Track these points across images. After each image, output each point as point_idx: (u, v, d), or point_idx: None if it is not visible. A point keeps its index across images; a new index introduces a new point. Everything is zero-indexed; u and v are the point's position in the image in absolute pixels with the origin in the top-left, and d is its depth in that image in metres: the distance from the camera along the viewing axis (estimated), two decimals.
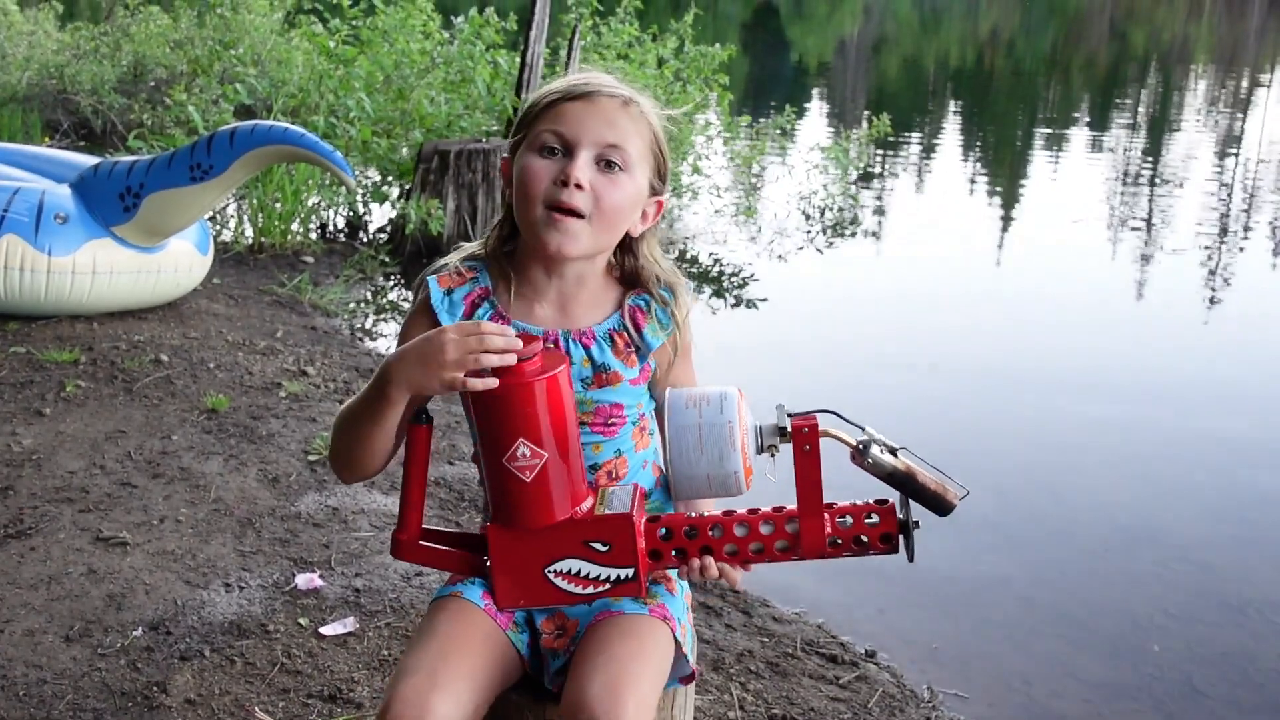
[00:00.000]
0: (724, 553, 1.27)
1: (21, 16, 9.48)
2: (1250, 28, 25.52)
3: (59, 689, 2.14)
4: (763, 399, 1.37)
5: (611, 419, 1.40)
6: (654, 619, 1.38)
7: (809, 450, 1.24)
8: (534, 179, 1.34)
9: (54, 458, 3.07)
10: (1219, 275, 6.32)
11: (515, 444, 1.21)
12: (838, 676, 2.45)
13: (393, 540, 1.33)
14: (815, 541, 1.26)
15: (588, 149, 1.33)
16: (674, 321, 1.42)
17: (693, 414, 1.26)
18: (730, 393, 1.27)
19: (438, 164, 5.68)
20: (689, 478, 1.26)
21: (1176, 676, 2.62)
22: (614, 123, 1.34)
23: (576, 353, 1.38)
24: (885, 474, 1.24)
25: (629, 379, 1.40)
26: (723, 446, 1.24)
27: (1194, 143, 10.75)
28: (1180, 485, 3.66)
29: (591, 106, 1.34)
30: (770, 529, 1.26)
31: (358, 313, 4.97)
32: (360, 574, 2.62)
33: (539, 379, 1.21)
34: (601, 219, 1.34)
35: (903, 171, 9.21)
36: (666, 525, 1.28)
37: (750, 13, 25.50)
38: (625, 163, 1.34)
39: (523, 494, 1.23)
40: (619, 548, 1.25)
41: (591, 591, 1.27)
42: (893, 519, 1.27)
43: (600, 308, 1.42)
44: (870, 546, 1.27)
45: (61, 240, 3.91)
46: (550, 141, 1.34)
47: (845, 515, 1.27)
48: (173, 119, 6.31)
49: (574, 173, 1.31)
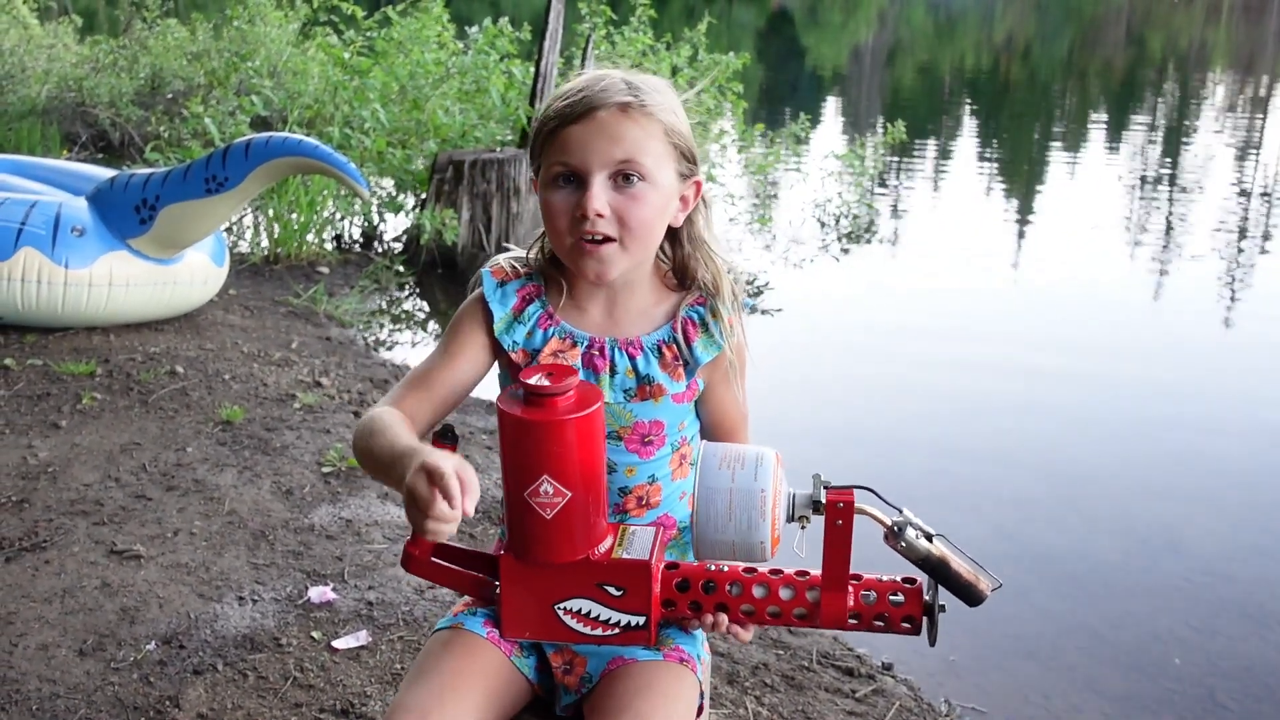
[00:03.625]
0: (740, 611, 1.23)
1: (41, 30, 9.57)
2: (1270, 31, 25.35)
3: (72, 703, 2.14)
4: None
5: (649, 438, 1.35)
6: (671, 664, 1.34)
7: (841, 525, 1.19)
8: (555, 215, 1.30)
9: (69, 470, 3.08)
10: (1239, 280, 6.26)
11: (539, 480, 1.16)
12: (854, 690, 2.42)
13: (404, 553, 1.30)
14: (836, 615, 1.21)
15: (599, 173, 1.27)
16: (726, 338, 1.35)
17: (725, 477, 1.20)
18: (767, 456, 1.22)
19: (452, 174, 5.69)
20: (715, 542, 1.21)
21: (1198, 690, 2.58)
22: (619, 137, 1.26)
23: (621, 362, 1.34)
24: (919, 559, 1.18)
25: (672, 393, 1.35)
26: (753, 515, 1.19)
27: (1212, 148, 10.67)
28: (1201, 496, 3.62)
29: (592, 126, 1.26)
30: (790, 594, 1.22)
31: (373, 323, 4.97)
32: (373, 587, 2.61)
33: (572, 418, 1.15)
34: (632, 237, 1.29)
35: (918, 178, 9.17)
36: (684, 576, 1.24)
37: (765, 20, 25.50)
38: (642, 173, 1.28)
39: (541, 530, 1.19)
40: (633, 594, 1.21)
41: (600, 634, 1.23)
42: (918, 601, 1.21)
43: (652, 317, 1.37)
44: (891, 626, 1.22)
45: (78, 253, 3.93)
46: (561, 172, 1.29)
47: (870, 590, 1.22)
48: (190, 131, 6.34)
49: (590, 205, 1.26)
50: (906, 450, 3.89)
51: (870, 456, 3.84)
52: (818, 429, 4.03)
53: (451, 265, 5.64)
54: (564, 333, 1.35)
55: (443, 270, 5.65)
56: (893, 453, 3.87)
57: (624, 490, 1.36)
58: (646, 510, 1.38)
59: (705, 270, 1.38)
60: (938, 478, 3.67)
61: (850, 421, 4.16)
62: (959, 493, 3.56)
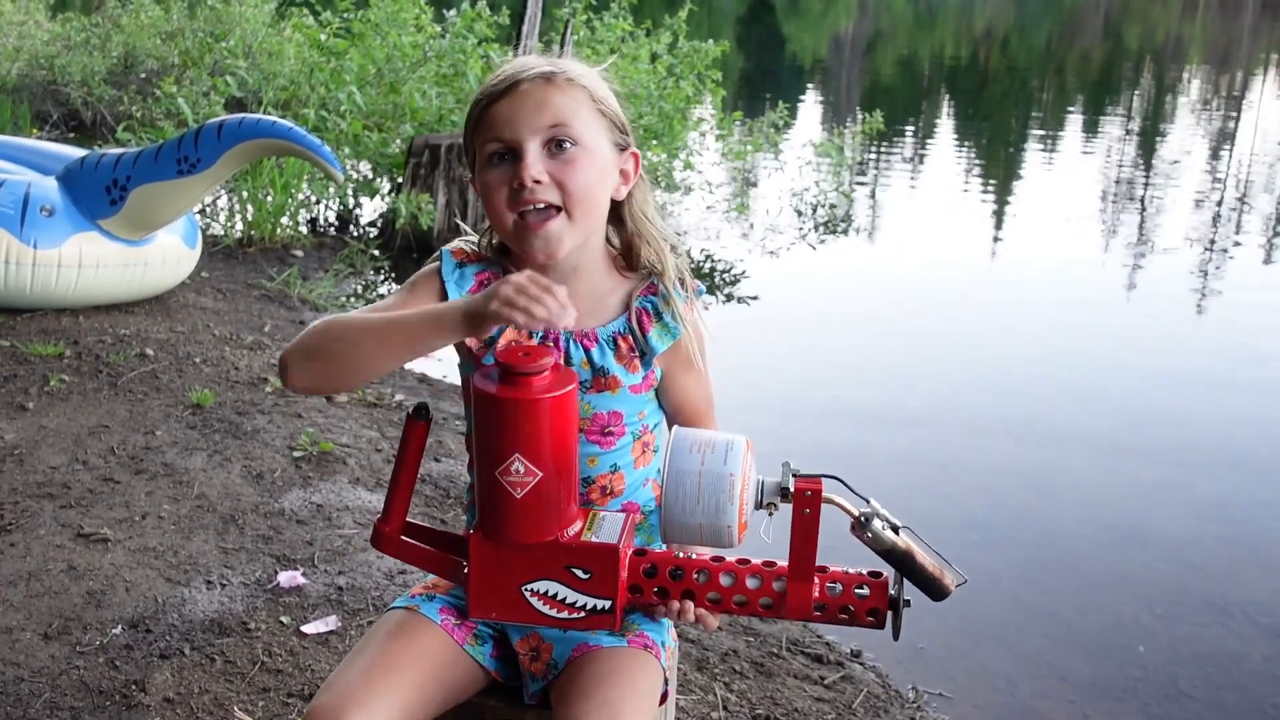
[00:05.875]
0: (706, 599, 1.24)
1: (12, 6, 9.43)
2: (1245, 26, 25.54)
3: (36, 687, 2.12)
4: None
5: (609, 429, 1.35)
6: (635, 649, 1.35)
7: (809, 514, 1.20)
8: (493, 193, 1.29)
9: (36, 453, 3.05)
10: (1210, 272, 6.32)
11: (511, 458, 1.16)
12: (823, 676, 2.44)
13: (374, 530, 1.31)
14: (801, 605, 1.22)
15: (531, 141, 1.26)
16: (681, 325, 1.35)
17: (695, 460, 1.20)
18: (738, 443, 1.22)
19: (428, 158, 5.66)
20: (681, 525, 1.21)
21: (1161, 678, 2.61)
22: (544, 103, 1.26)
23: (576, 354, 1.34)
24: (884, 550, 1.18)
25: (629, 385, 1.35)
26: (720, 498, 1.19)
27: (1186, 141, 10.76)
28: (1167, 485, 3.66)
29: (517, 97, 1.27)
30: (757, 583, 1.23)
31: (347, 307, 4.94)
32: (343, 572, 2.60)
33: (547, 397, 1.16)
34: (574, 204, 1.28)
35: (896, 168, 9.20)
36: (652, 562, 1.25)
37: (745, 8, 25.46)
38: (574, 137, 1.27)
39: (511, 509, 1.19)
40: (600, 577, 1.22)
41: (566, 617, 1.23)
42: (883, 595, 1.22)
43: (606, 306, 1.37)
44: (856, 618, 1.23)
45: (47, 233, 3.88)
46: (494, 149, 1.28)
47: (835, 582, 1.22)
48: (163, 111, 6.28)
49: (526, 171, 1.25)
50: (878, 438, 3.91)
51: (841, 444, 3.86)
52: (790, 416, 4.04)
53: (427, 249, 5.61)
54: None
55: (418, 255, 5.63)
56: (864, 440, 3.89)
57: (587, 480, 1.36)
58: (610, 499, 1.38)
59: (649, 249, 1.37)
60: (908, 465, 3.70)
61: (822, 410, 4.18)
62: (929, 480, 3.59)
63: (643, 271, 1.39)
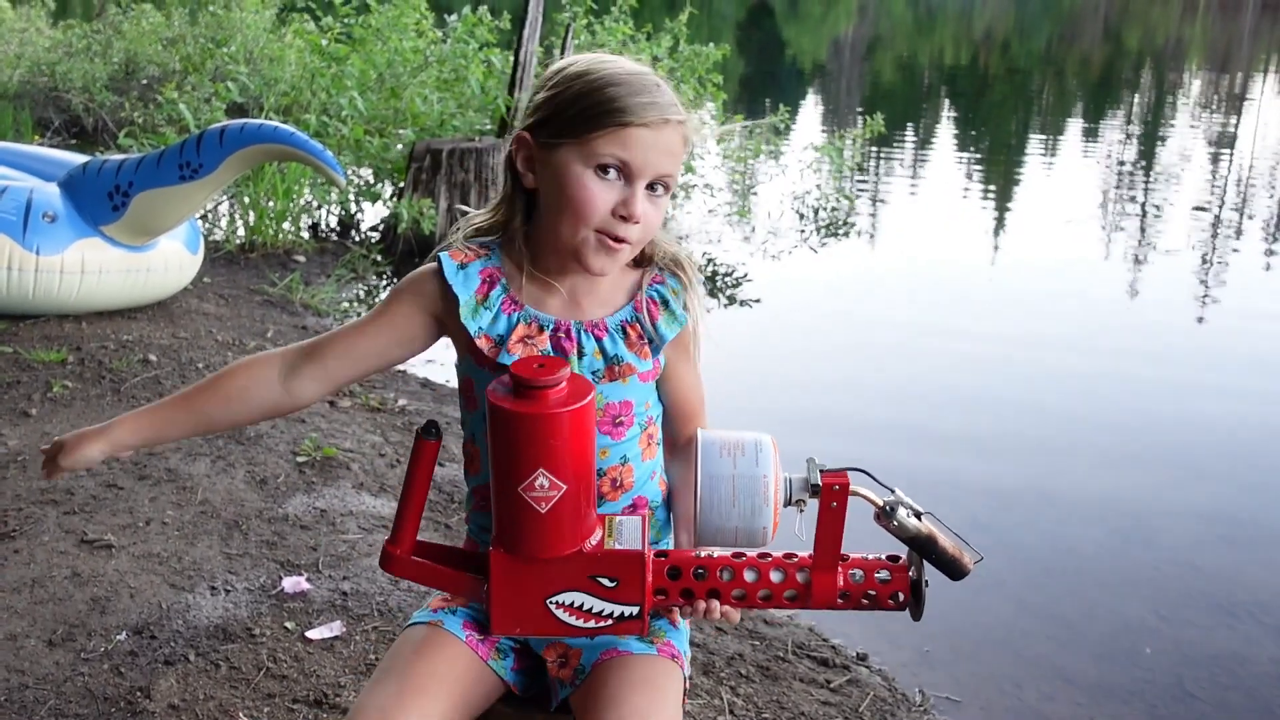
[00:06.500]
0: (731, 597, 1.23)
1: (14, 13, 9.45)
2: (1245, 28, 25.55)
3: (41, 694, 2.12)
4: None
5: (620, 419, 1.36)
6: (664, 659, 1.35)
7: (835, 507, 1.21)
8: (591, 203, 1.27)
9: (39, 459, 3.04)
10: (1213, 274, 6.31)
11: (535, 474, 1.14)
12: (829, 680, 2.43)
13: (383, 552, 1.28)
14: (826, 595, 1.23)
15: (646, 179, 1.28)
16: (687, 313, 1.37)
17: (727, 464, 1.21)
18: (765, 443, 1.23)
19: (430, 163, 5.66)
20: (718, 529, 1.21)
21: (1168, 679, 2.61)
22: (674, 153, 1.29)
23: (589, 344, 1.34)
24: (908, 537, 1.21)
25: (640, 372, 1.35)
26: (756, 501, 1.20)
27: (1187, 143, 10.75)
28: (1172, 488, 3.65)
29: (659, 136, 1.27)
30: (781, 577, 1.23)
31: (349, 312, 4.94)
32: (348, 577, 2.60)
33: (566, 411, 1.14)
34: (642, 240, 1.32)
35: (897, 170, 9.20)
36: (675, 564, 1.23)
37: (745, 12, 25.49)
38: (669, 186, 1.32)
39: (535, 524, 1.17)
40: (626, 584, 1.21)
41: (593, 626, 1.22)
42: (904, 578, 1.23)
43: (614, 298, 1.37)
44: (879, 602, 1.24)
45: (50, 239, 3.88)
46: (611, 163, 1.27)
47: (856, 569, 1.24)
48: (164, 117, 6.28)
49: (636, 206, 1.27)
50: (881, 440, 3.91)
51: (845, 446, 3.85)
52: (794, 418, 4.04)
53: (428, 254, 5.61)
54: (529, 317, 1.34)
55: (420, 259, 5.56)
56: (867, 442, 3.89)
57: (599, 473, 1.35)
58: (621, 493, 1.38)
59: (662, 252, 1.40)
60: (912, 468, 3.69)
61: (825, 412, 4.17)
62: (934, 482, 3.57)
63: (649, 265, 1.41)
